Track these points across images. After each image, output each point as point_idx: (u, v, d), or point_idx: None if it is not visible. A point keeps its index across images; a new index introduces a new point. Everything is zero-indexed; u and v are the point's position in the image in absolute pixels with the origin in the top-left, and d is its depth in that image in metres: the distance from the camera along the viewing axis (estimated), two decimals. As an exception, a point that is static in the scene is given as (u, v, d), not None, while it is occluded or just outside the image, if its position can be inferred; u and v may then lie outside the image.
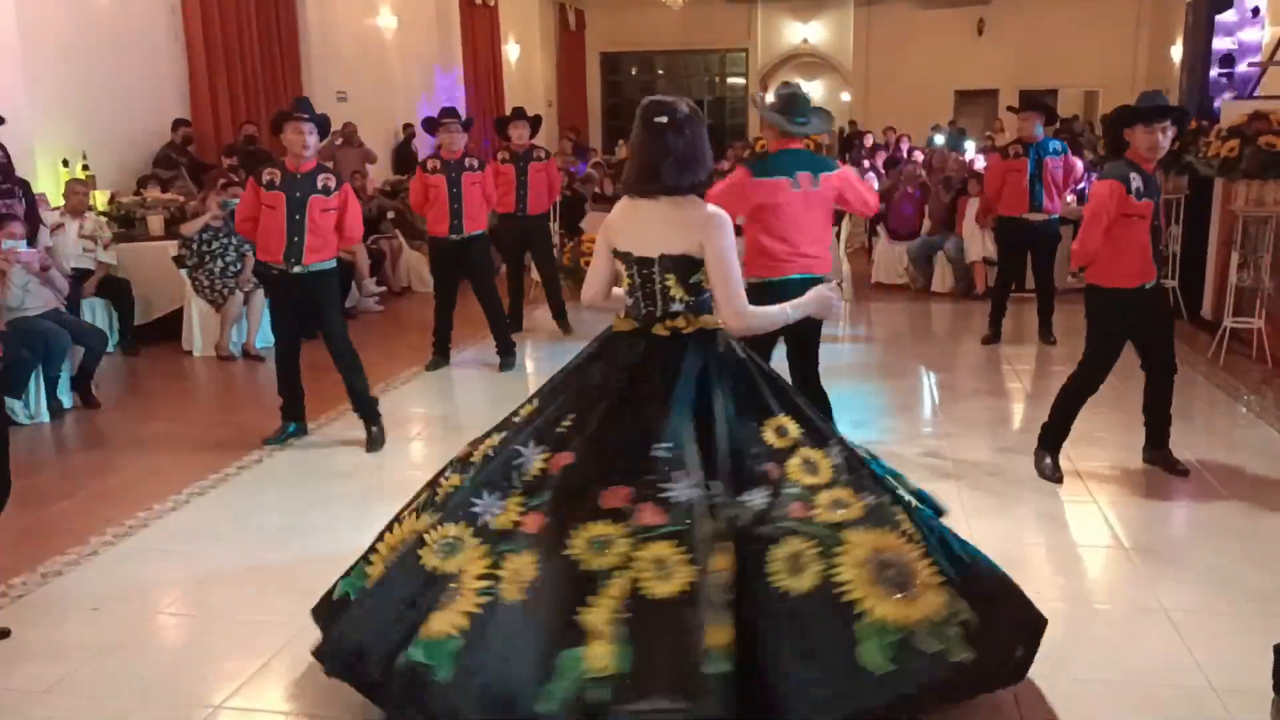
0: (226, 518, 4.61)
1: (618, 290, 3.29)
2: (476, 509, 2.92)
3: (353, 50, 12.84)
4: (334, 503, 4.77)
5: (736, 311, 3.07)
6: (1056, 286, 7.92)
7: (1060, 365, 7.19)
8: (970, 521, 4.36)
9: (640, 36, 20.56)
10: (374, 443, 5.51)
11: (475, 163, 7.18)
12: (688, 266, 3.05)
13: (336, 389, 5.65)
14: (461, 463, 3.21)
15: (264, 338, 7.90)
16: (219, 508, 4.75)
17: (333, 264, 5.50)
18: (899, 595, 2.72)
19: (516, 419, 3.21)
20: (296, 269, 5.33)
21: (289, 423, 5.64)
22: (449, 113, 7.33)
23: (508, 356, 7.32)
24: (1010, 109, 8.35)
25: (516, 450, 3.01)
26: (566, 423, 3.02)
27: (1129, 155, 4.57)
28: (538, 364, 7.56)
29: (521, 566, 2.76)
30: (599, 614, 2.64)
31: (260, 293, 7.79)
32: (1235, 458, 5.21)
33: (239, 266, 7.74)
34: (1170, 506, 4.61)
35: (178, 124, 9.82)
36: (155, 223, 8.22)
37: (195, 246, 7.70)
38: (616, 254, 3.19)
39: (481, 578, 2.77)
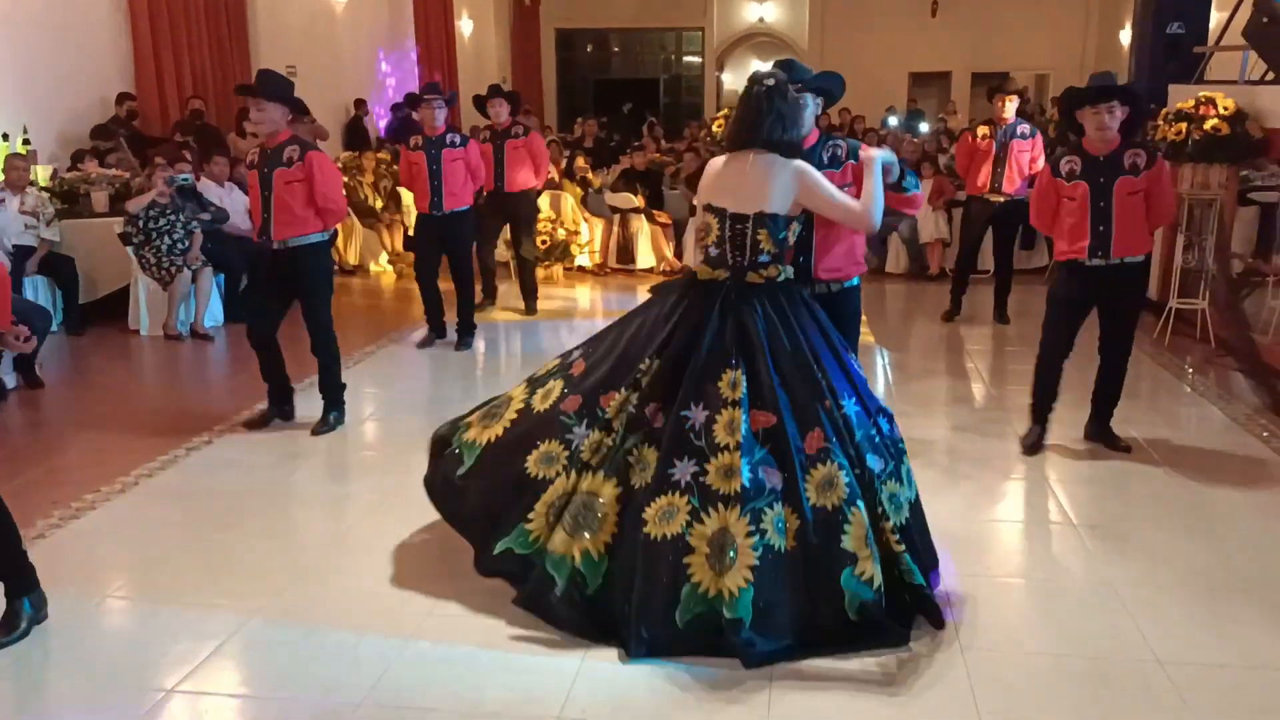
0: (176, 500, 4.54)
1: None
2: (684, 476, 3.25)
3: (302, 25, 12.61)
4: (285, 484, 4.72)
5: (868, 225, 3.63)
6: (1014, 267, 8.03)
7: (1014, 346, 7.31)
8: (924, 500, 4.41)
9: (596, 13, 20.42)
10: (324, 427, 5.39)
11: (457, 138, 7.11)
12: (776, 224, 3.47)
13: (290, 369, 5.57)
14: (595, 420, 3.44)
15: (212, 316, 7.78)
16: (168, 490, 4.67)
17: (317, 238, 5.26)
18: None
19: (640, 374, 3.43)
20: (275, 245, 5.21)
21: (276, 407, 5.49)
22: (431, 89, 7.26)
23: (466, 337, 7.27)
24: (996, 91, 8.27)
25: (685, 416, 3.30)
26: (739, 383, 3.30)
27: (1083, 139, 4.66)
28: (490, 344, 7.51)
29: (780, 514, 3.21)
30: (854, 538, 3.25)
31: (208, 271, 7.66)
32: (1179, 435, 5.33)
33: (186, 244, 7.59)
34: (1117, 483, 4.70)
35: (122, 98, 9.59)
36: (99, 199, 8.02)
37: (141, 223, 7.54)
38: (709, 209, 3.56)
39: (750, 535, 3.15)
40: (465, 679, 3.12)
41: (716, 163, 3.64)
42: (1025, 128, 7.63)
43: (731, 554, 3.12)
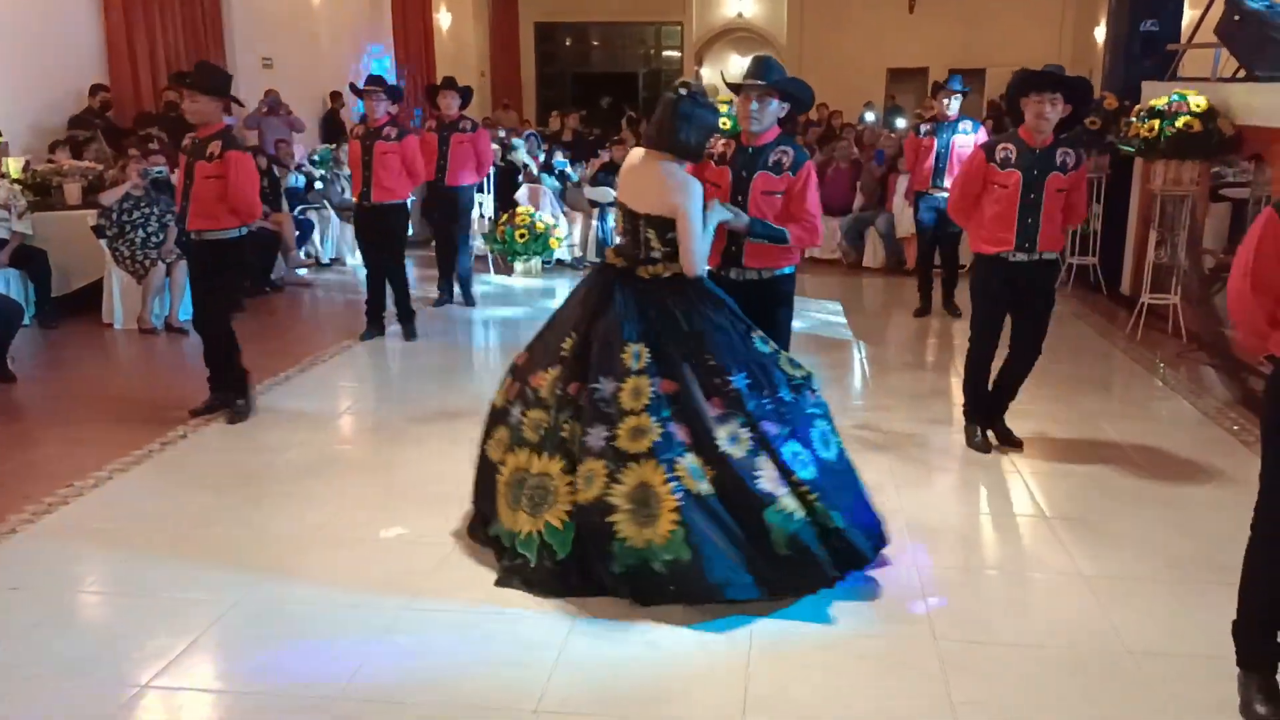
0: (150, 494, 4.51)
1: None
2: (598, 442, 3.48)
3: (279, 16, 12.52)
4: (259, 478, 4.69)
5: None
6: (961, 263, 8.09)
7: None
8: (899, 492, 4.46)
9: (575, 7, 20.36)
10: (239, 414, 5.42)
11: (393, 132, 7.04)
12: (664, 225, 3.66)
13: (259, 362, 5.55)
14: (530, 400, 3.71)
15: (187, 310, 7.70)
16: (142, 484, 4.64)
17: (229, 234, 5.27)
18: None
19: (564, 351, 3.69)
20: (192, 234, 5.26)
21: (217, 394, 5.52)
22: (373, 80, 7.21)
23: (408, 325, 7.28)
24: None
25: (595, 389, 3.55)
26: (644, 354, 3.57)
27: (1020, 128, 4.69)
28: (468, 338, 7.50)
29: (693, 463, 3.44)
30: (767, 480, 3.52)
31: (183, 264, 7.58)
32: (1151, 429, 5.39)
33: (161, 237, 7.53)
34: (1089, 477, 4.75)
35: (95, 89, 9.50)
36: (72, 191, 7.94)
37: (115, 216, 7.47)
38: (617, 200, 3.84)
39: (666, 482, 3.39)
40: (443, 672, 3.12)
41: (634, 156, 3.84)
42: (967, 124, 7.70)
43: (654, 504, 3.38)
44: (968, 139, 7.55)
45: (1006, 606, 3.57)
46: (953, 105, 7.64)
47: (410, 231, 8.05)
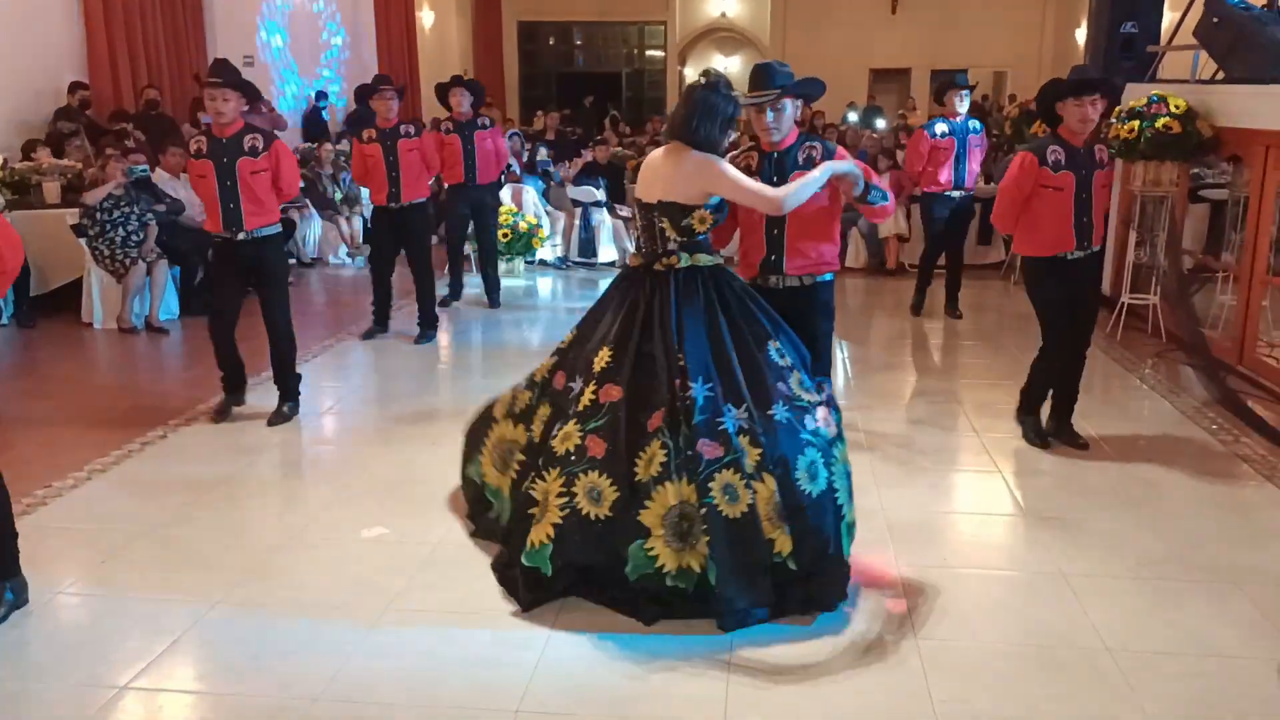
0: (129, 495, 4.48)
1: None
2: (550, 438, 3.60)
3: (259, 13, 12.45)
4: (240, 478, 4.67)
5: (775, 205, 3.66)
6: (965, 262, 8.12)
7: (970, 340, 7.40)
8: (881, 491, 4.47)
9: (558, 6, 20.36)
10: (279, 417, 5.39)
11: (411, 129, 7.03)
12: (679, 212, 3.60)
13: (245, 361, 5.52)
14: (530, 380, 3.93)
15: (167, 309, 7.67)
16: (121, 485, 4.61)
17: (277, 228, 5.33)
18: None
19: (563, 346, 3.86)
20: (240, 236, 5.18)
21: (233, 395, 5.49)
22: (383, 80, 7.17)
23: (429, 329, 7.21)
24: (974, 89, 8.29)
25: (570, 387, 3.67)
26: (606, 358, 3.58)
27: (1060, 130, 4.72)
28: (455, 336, 7.48)
29: (594, 483, 3.41)
30: (651, 515, 3.37)
31: (163, 263, 7.56)
32: (1131, 428, 5.43)
33: (141, 236, 7.49)
34: (1069, 476, 4.78)
35: (74, 87, 9.42)
36: (51, 189, 7.88)
37: (96, 215, 7.42)
38: (635, 199, 3.78)
39: (560, 495, 3.43)
40: (423, 673, 3.11)
41: (653, 154, 3.78)
42: (974, 123, 7.73)
43: (543, 511, 3.47)
44: (978, 137, 7.58)
45: (986, 605, 3.59)
46: (963, 103, 7.63)
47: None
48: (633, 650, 3.23)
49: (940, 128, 7.65)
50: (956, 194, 7.63)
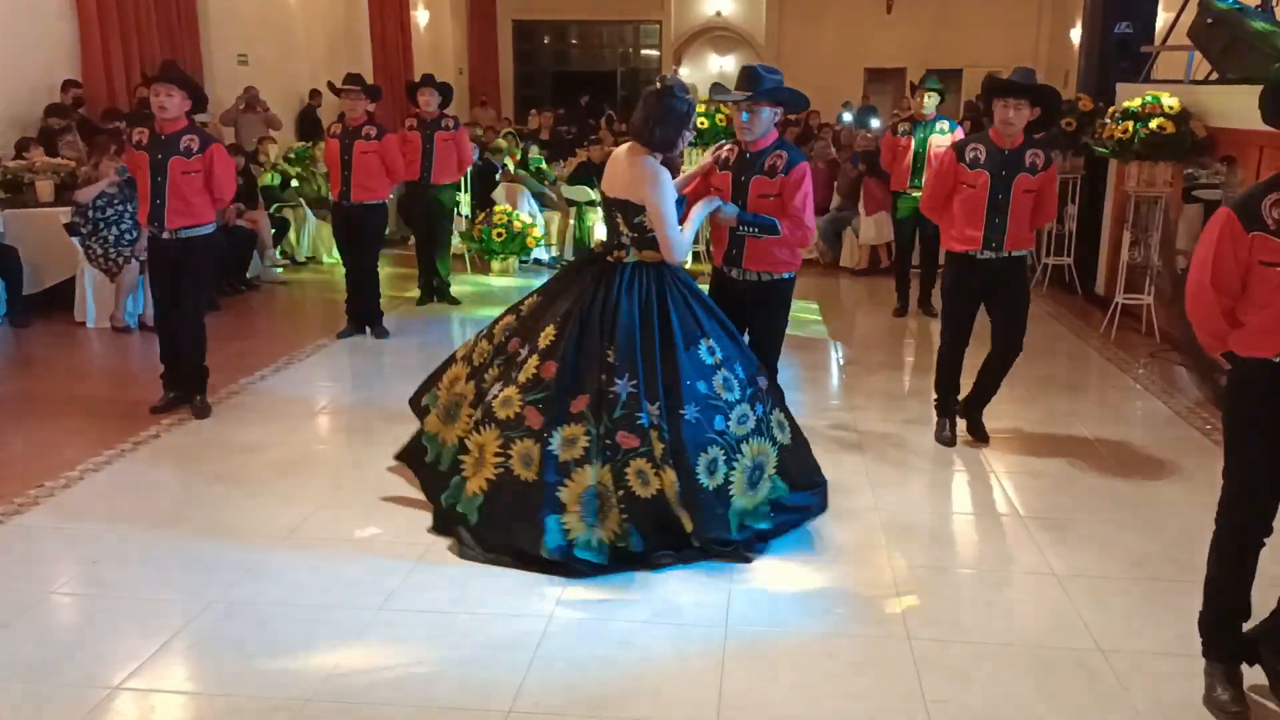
0: (122, 494, 4.47)
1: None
2: (489, 396, 3.98)
3: (254, 12, 12.42)
4: (233, 477, 4.66)
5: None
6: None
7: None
8: (875, 492, 4.48)
9: (553, 5, 20.32)
10: (200, 412, 5.42)
11: (373, 131, 6.99)
12: (631, 210, 3.91)
13: (234, 361, 5.52)
14: (490, 332, 4.29)
15: (162, 309, 7.65)
16: (114, 484, 4.60)
17: (205, 230, 5.34)
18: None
19: (522, 309, 4.21)
20: (165, 235, 5.23)
21: (168, 392, 5.52)
22: (352, 79, 7.16)
23: (377, 326, 7.26)
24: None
25: (519, 352, 4.00)
26: (550, 335, 3.90)
27: (991, 129, 4.78)
28: (447, 336, 7.48)
29: (528, 450, 3.77)
30: (569, 494, 3.72)
31: (153, 263, 7.53)
32: (1125, 428, 5.44)
33: (135, 234, 7.46)
34: (1063, 476, 4.79)
35: (68, 84, 9.39)
36: (44, 188, 7.85)
37: (89, 214, 7.40)
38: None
39: (497, 455, 3.81)
40: (417, 672, 3.11)
41: (619, 150, 4.08)
42: (944, 124, 7.71)
43: (480, 465, 3.82)
44: (944, 139, 7.56)
45: (979, 605, 3.60)
46: (928, 104, 7.65)
47: (386, 231, 8.01)
48: (625, 650, 3.24)
49: (902, 127, 7.80)
50: (916, 193, 7.62)
